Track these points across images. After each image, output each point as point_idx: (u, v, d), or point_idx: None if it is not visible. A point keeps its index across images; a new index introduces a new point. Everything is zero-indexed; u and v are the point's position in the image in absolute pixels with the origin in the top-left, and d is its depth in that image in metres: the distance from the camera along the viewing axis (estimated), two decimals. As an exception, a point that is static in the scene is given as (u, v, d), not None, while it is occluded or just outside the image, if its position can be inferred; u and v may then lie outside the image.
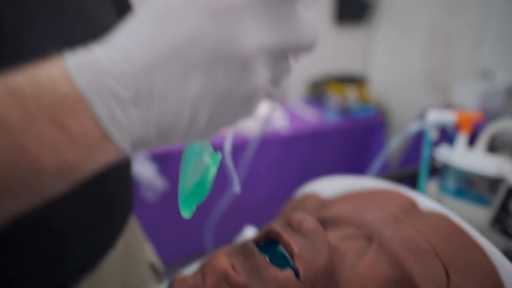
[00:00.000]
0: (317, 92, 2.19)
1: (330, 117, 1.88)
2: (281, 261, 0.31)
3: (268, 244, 0.34)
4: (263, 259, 0.30)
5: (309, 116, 1.91)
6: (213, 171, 0.29)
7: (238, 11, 0.19)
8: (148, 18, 0.20)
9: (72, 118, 0.18)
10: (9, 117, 0.17)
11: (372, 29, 2.42)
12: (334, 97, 1.95)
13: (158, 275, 0.65)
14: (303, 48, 0.23)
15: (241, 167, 0.63)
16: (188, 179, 0.28)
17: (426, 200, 0.43)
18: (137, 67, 0.18)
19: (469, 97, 1.58)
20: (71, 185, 0.20)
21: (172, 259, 1.51)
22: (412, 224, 0.40)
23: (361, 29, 2.39)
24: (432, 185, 0.74)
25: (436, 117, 0.68)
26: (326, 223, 0.44)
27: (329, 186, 0.55)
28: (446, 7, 1.92)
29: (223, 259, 0.30)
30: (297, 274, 0.29)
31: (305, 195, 0.56)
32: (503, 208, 0.60)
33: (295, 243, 0.31)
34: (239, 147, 1.60)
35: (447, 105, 1.73)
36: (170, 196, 1.48)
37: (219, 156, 0.29)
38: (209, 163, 0.28)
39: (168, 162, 1.48)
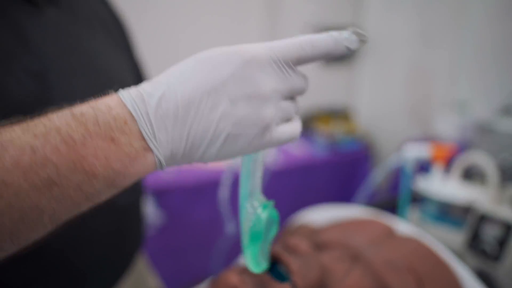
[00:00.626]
0: (305, 126, 2.30)
1: (318, 151, 1.98)
2: (280, 277, 0.38)
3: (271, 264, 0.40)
4: (266, 276, 0.37)
5: (298, 150, 2.00)
6: (264, 218, 0.30)
7: (261, 62, 0.25)
8: (192, 62, 0.25)
9: (121, 134, 0.23)
10: (73, 134, 0.22)
11: (357, 65, 2.59)
12: (321, 130, 2.06)
13: None
14: (302, 91, 0.29)
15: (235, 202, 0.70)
16: (244, 229, 0.30)
17: (402, 226, 0.50)
18: (177, 95, 0.24)
19: (447, 129, 1.70)
20: (114, 192, 0.25)
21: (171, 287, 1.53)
22: (389, 246, 0.47)
23: (346, 65, 2.56)
24: (414, 212, 0.82)
25: (413, 153, 0.77)
26: (319, 246, 0.51)
27: (319, 215, 0.62)
28: (424, 42, 2.09)
29: (234, 276, 0.36)
30: (294, 286, 0.36)
31: (299, 225, 0.63)
32: (475, 232, 0.67)
33: (293, 262, 0.37)
34: (234, 182, 1.67)
35: (428, 137, 1.84)
36: (167, 228, 1.52)
37: (270, 203, 0.31)
38: (260, 212, 0.30)
39: (165, 196, 1.53)
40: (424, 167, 0.88)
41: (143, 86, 0.25)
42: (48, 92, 0.39)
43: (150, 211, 1.46)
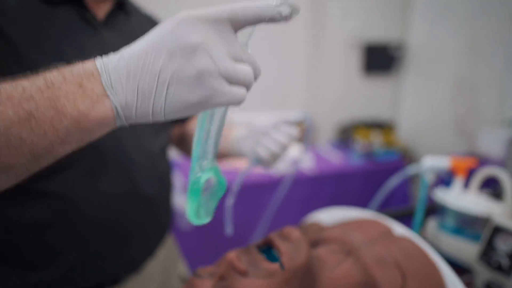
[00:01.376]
0: (344, 137, 2.31)
1: (354, 160, 1.98)
2: (272, 259, 0.44)
3: (267, 248, 0.47)
4: (260, 256, 0.44)
5: (335, 158, 2.02)
6: (204, 178, 0.33)
7: (193, 21, 0.29)
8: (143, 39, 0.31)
9: (88, 81, 0.29)
10: (53, 79, 0.29)
11: (400, 78, 2.55)
12: (359, 141, 2.06)
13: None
14: (242, 56, 0.31)
15: (272, 204, 0.79)
16: (189, 179, 0.34)
17: (399, 228, 0.54)
18: (128, 58, 0.30)
19: (493, 145, 1.62)
20: (81, 137, 0.30)
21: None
22: (383, 244, 0.51)
23: (389, 78, 2.52)
24: (431, 223, 0.83)
25: (431, 163, 0.79)
26: (320, 241, 0.56)
27: (329, 216, 0.67)
28: (471, 56, 2.01)
29: (232, 254, 0.43)
30: (282, 267, 0.42)
31: (310, 223, 0.69)
32: (489, 244, 0.68)
33: (283, 246, 0.44)
34: (269, 186, 1.74)
35: (472, 152, 1.77)
36: (202, 226, 1.63)
37: (216, 168, 0.34)
38: (202, 173, 0.34)
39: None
40: (445, 181, 0.89)
41: (119, 52, 0.31)
42: None
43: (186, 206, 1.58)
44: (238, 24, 0.30)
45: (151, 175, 0.60)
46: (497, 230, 0.68)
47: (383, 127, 2.18)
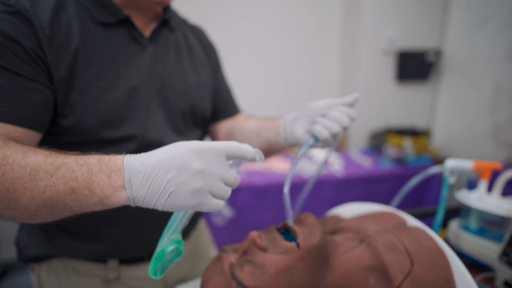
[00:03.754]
0: (376, 143, 2.30)
1: (385, 165, 1.97)
2: (289, 239, 0.50)
3: (286, 231, 0.53)
4: (279, 235, 0.49)
5: (365, 163, 2.03)
6: (169, 250, 0.43)
7: (197, 151, 0.40)
8: (165, 147, 0.41)
9: (115, 174, 0.39)
10: (93, 168, 0.40)
11: (435, 85, 2.49)
12: (391, 147, 2.05)
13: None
14: (233, 183, 0.43)
15: (298, 203, 0.83)
16: (158, 246, 0.43)
17: (413, 219, 0.58)
18: (147, 164, 0.40)
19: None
20: (102, 208, 0.41)
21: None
22: (396, 233, 0.55)
23: (424, 85, 2.48)
24: (454, 223, 0.84)
25: (453, 163, 0.81)
26: (337, 230, 0.61)
27: (349, 210, 0.71)
28: (510, 63, 1.94)
29: (254, 233, 0.49)
30: (298, 246, 0.47)
31: (331, 216, 0.73)
32: (510, 244, 0.68)
33: (299, 228, 0.49)
34: (299, 186, 1.79)
35: (511, 160, 1.70)
36: (235, 222, 1.72)
37: (181, 241, 0.44)
38: (169, 245, 0.43)
39: (234, 195, 1.73)
40: (471, 184, 0.89)
41: (140, 154, 0.41)
42: (134, 99, 0.61)
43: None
44: (230, 157, 0.42)
45: None
46: (519, 230, 0.68)
47: (416, 134, 2.15)
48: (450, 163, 0.81)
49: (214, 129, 0.83)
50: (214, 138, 0.84)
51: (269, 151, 0.71)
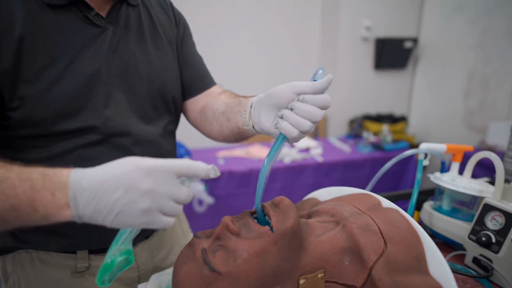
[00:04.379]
0: (355, 130, 2.32)
1: (363, 150, 2.00)
2: (263, 223, 0.49)
3: (261, 215, 0.52)
4: (252, 219, 0.48)
5: (345, 148, 2.05)
6: (117, 260, 0.41)
7: (146, 170, 0.39)
8: (114, 162, 0.40)
9: (59, 192, 0.38)
10: (36, 184, 0.38)
11: (412, 72, 2.53)
12: (370, 133, 2.08)
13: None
14: (184, 200, 0.41)
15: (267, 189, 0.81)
16: (107, 256, 0.41)
17: (387, 201, 0.58)
18: (93, 182, 0.38)
19: (501, 137, 1.62)
20: (47, 223, 0.39)
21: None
22: (371, 215, 0.55)
23: (401, 72, 2.52)
24: (427, 205, 0.86)
25: (427, 146, 0.82)
26: (312, 213, 0.61)
27: (326, 193, 0.71)
28: (483, 52, 1.99)
29: (227, 218, 0.48)
30: (272, 229, 0.47)
31: (309, 198, 0.73)
32: (479, 221, 0.70)
33: (273, 212, 0.48)
34: (281, 172, 1.79)
35: (482, 145, 1.76)
36: (215, 209, 1.71)
37: (130, 252, 0.43)
38: (117, 256, 0.41)
39: (213, 182, 1.71)
40: (444, 167, 0.91)
41: (88, 170, 0.40)
42: (92, 86, 0.57)
43: (202, 194, 1.65)
44: (181, 175, 0.41)
45: (153, 155, 0.64)
46: (487, 208, 0.70)
47: (394, 121, 2.19)
48: (424, 146, 0.82)
49: (188, 106, 0.77)
50: (188, 116, 0.79)
51: (242, 136, 0.65)
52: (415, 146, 2.12)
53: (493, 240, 0.67)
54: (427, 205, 0.85)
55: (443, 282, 0.45)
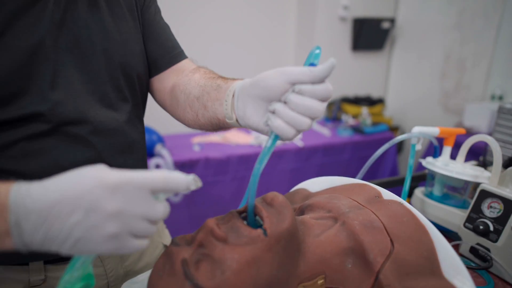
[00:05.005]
0: (333, 113, 2.28)
1: (343, 134, 1.97)
2: (255, 225, 0.42)
3: (251, 217, 0.45)
4: (241, 221, 0.41)
5: (325, 132, 2.01)
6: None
7: (112, 187, 0.31)
8: (68, 176, 0.32)
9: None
10: None
11: (389, 54, 2.51)
12: (349, 116, 2.04)
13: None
14: (160, 217, 0.34)
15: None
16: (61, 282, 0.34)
17: (388, 192, 0.52)
18: (43, 203, 0.30)
19: (479, 118, 1.62)
20: None
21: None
22: (372, 209, 0.49)
23: (378, 54, 2.48)
24: (418, 191, 0.82)
25: (420, 130, 0.77)
26: (305, 208, 0.54)
27: (316, 183, 0.65)
28: (459, 33, 1.98)
29: (211, 221, 0.40)
30: (265, 233, 0.39)
31: (297, 189, 0.66)
32: (476, 208, 0.67)
33: (266, 211, 0.41)
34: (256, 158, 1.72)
35: (459, 126, 1.77)
36: (191, 199, 1.61)
37: (90, 277, 0.35)
38: (74, 285, 0.34)
39: (190, 170, 1.62)
40: (436, 153, 0.87)
41: (35, 185, 0.31)
42: (33, 63, 0.46)
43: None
44: (156, 191, 0.33)
45: (117, 145, 0.55)
46: (484, 195, 0.67)
47: (372, 103, 2.17)
48: (416, 130, 0.77)
49: (155, 85, 0.66)
50: (156, 97, 0.68)
51: (223, 127, 0.55)
52: (394, 128, 2.12)
53: (491, 228, 0.64)
54: (419, 192, 0.82)
55: (459, 285, 0.40)
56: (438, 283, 0.40)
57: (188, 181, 0.35)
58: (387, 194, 0.52)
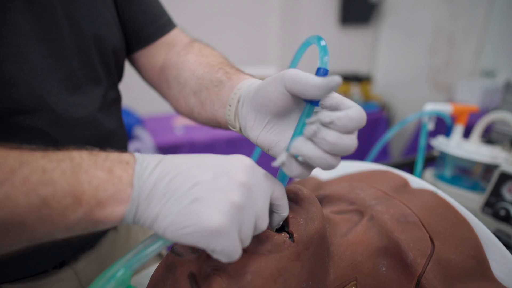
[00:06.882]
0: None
1: (333, 113, 1.91)
2: (278, 229, 0.34)
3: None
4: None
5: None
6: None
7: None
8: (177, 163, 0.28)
9: (120, 168, 0.26)
10: (82, 163, 0.25)
11: (377, 30, 2.44)
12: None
13: (162, 257, 0.68)
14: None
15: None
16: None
17: (417, 179, 0.46)
18: (169, 160, 0.27)
19: (471, 95, 1.60)
20: (90, 229, 0.26)
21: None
22: (402, 200, 0.42)
23: (366, 29, 2.41)
24: (428, 173, 0.77)
25: (433, 107, 0.71)
26: (322, 200, 0.47)
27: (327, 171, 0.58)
28: (450, 8, 1.93)
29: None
30: (292, 237, 0.32)
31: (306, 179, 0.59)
32: (495, 192, 0.62)
33: (291, 210, 0.33)
34: (246, 141, 1.64)
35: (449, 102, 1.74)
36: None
37: None
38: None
39: (173, 152, 1.52)
40: (446, 131, 0.82)
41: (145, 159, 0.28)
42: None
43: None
44: (272, 201, 0.31)
45: (87, 139, 0.44)
46: (504, 177, 0.62)
47: (360, 80, 2.10)
48: (429, 107, 0.71)
49: (140, 61, 0.54)
50: (143, 76, 0.57)
51: (222, 128, 0.44)
52: (383, 106, 2.07)
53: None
54: (429, 174, 0.77)
55: (515, 289, 0.34)
56: (492, 287, 0.34)
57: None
58: (415, 182, 0.46)
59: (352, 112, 0.28)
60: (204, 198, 0.25)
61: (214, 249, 0.26)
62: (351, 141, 0.29)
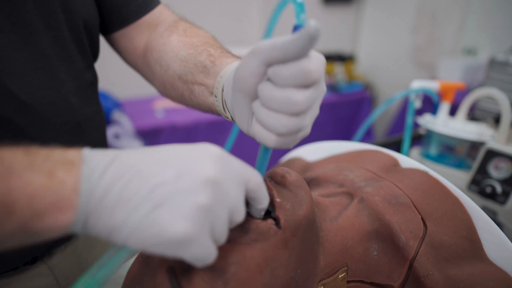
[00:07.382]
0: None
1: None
2: (265, 214, 0.32)
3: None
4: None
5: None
6: None
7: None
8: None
9: (62, 169, 0.21)
10: (15, 165, 0.21)
11: (360, 8, 2.40)
12: (321, 74, 1.96)
13: None
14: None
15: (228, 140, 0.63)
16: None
17: (407, 158, 0.44)
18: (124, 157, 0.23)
19: (453, 72, 1.60)
20: (24, 241, 0.22)
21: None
22: (392, 181, 0.40)
23: (349, 8, 2.36)
24: (414, 151, 0.76)
25: (420, 85, 0.69)
26: (309, 183, 0.45)
27: (313, 151, 0.56)
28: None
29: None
30: (278, 223, 0.30)
31: (290, 159, 0.57)
32: (481, 169, 0.62)
33: (277, 193, 0.31)
34: (227, 123, 1.60)
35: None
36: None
37: None
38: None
39: (155, 139, 1.47)
40: (429, 109, 0.81)
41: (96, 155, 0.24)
42: None
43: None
44: (246, 191, 0.27)
45: (58, 127, 0.40)
46: (491, 154, 0.62)
47: (343, 59, 2.08)
48: (416, 84, 0.70)
49: (121, 43, 0.50)
50: (124, 58, 0.52)
51: (218, 114, 0.41)
52: (368, 86, 2.06)
53: (499, 190, 0.59)
54: (415, 152, 0.76)
55: (509, 270, 0.33)
56: (486, 269, 0.33)
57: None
58: (405, 161, 0.44)
59: (291, 66, 0.25)
60: (166, 203, 0.22)
61: (183, 258, 0.23)
62: (284, 93, 0.25)
